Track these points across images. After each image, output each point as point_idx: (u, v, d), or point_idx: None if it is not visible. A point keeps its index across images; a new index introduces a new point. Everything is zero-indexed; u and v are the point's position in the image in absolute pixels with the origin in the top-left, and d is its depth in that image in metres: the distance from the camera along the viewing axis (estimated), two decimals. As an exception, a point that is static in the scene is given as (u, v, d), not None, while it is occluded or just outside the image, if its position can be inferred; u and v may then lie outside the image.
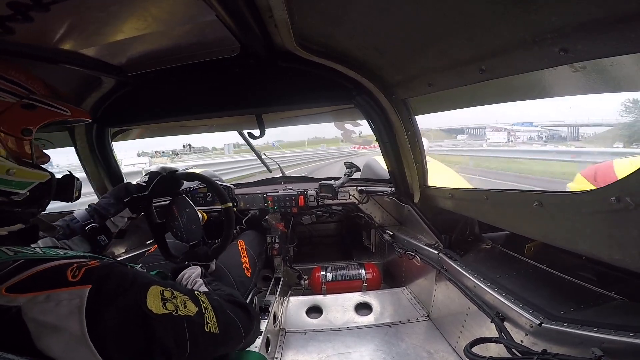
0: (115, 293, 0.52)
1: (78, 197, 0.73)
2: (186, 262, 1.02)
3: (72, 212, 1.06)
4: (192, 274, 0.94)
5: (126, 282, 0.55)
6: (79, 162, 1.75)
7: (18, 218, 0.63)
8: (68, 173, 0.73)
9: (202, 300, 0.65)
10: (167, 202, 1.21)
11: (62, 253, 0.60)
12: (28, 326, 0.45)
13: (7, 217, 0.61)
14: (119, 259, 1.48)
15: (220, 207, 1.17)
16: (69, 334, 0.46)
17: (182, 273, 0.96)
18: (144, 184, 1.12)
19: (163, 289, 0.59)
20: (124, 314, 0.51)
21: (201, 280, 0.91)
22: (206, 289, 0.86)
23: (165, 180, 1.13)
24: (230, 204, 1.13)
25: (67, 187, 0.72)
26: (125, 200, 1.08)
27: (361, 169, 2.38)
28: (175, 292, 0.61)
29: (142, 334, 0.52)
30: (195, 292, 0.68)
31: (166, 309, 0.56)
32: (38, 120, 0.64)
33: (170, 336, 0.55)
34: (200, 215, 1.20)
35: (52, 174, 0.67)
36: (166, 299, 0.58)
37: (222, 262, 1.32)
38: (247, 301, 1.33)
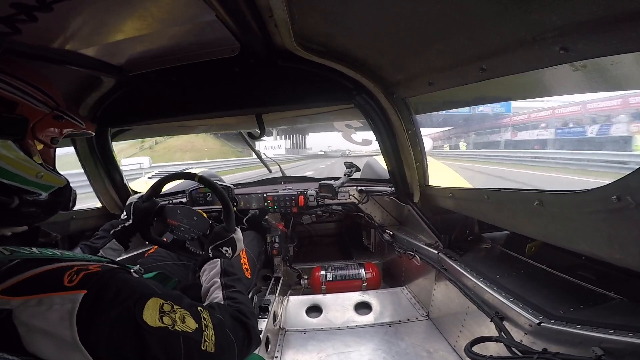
0: (112, 301, 0.51)
1: (73, 206, 0.75)
2: (210, 254, 1.00)
3: None
4: (211, 271, 0.93)
5: (125, 292, 0.54)
6: (79, 161, 1.75)
7: (32, 216, 0.64)
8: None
9: (203, 317, 0.64)
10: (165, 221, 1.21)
11: (58, 253, 0.59)
12: (18, 330, 0.45)
13: (24, 214, 0.62)
14: (117, 260, 1.48)
15: (218, 206, 1.18)
16: (60, 339, 0.46)
17: (202, 269, 0.95)
18: (125, 217, 1.15)
19: (163, 302, 0.58)
20: (118, 323, 0.50)
21: (219, 282, 0.89)
22: (221, 297, 0.84)
23: (139, 206, 1.14)
24: (197, 174, 1.16)
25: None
26: (111, 232, 1.11)
27: (361, 168, 2.38)
28: (175, 307, 0.60)
29: (135, 345, 0.51)
30: (199, 307, 0.66)
31: (163, 322, 0.55)
32: (63, 131, 0.70)
33: (163, 350, 0.54)
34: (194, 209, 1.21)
35: (67, 181, 0.70)
36: (164, 312, 0.57)
37: None
38: None
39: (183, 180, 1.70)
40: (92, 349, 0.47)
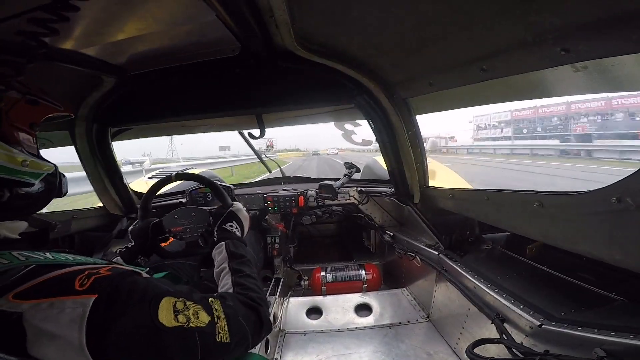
0: (125, 305, 0.51)
1: (66, 192, 0.74)
2: (215, 237, 1.00)
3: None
4: (219, 256, 0.92)
5: (137, 294, 0.54)
6: (80, 161, 1.75)
7: (26, 208, 0.64)
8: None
9: (215, 309, 0.64)
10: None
11: (71, 258, 0.59)
12: (27, 332, 0.45)
13: (16, 207, 0.61)
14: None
15: (218, 206, 1.17)
16: (66, 342, 0.46)
17: (212, 255, 0.95)
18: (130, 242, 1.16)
19: (175, 300, 0.58)
20: (134, 326, 0.50)
21: (227, 267, 0.88)
22: (230, 284, 0.83)
23: (135, 228, 1.14)
24: (173, 174, 1.25)
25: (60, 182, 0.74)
26: (116, 251, 1.12)
27: (361, 169, 2.38)
28: (187, 303, 0.60)
29: (151, 347, 0.51)
30: (210, 299, 0.66)
31: (178, 321, 0.55)
32: (41, 115, 0.67)
33: (181, 349, 0.54)
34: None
35: (55, 166, 0.69)
36: (178, 310, 0.57)
37: None
38: None
39: (183, 181, 1.70)
40: (98, 354, 0.46)
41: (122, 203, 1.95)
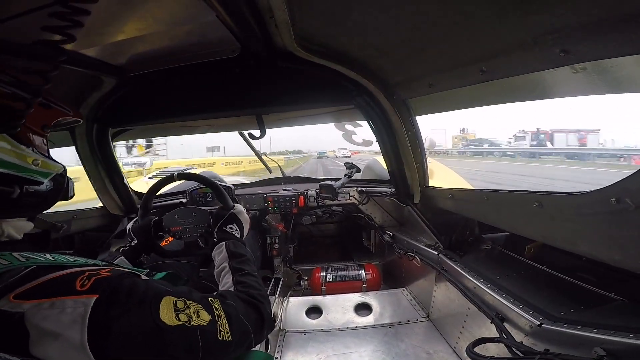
0: (125, 306, 0.52)
1: (72, 195, 0.75)
2: (215, 238, 1.00)
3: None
4: (219, 256, 0.93)
5: (136, 295, 0.54)
6: (80, 161, 1.76)
7: (33, 206, 0.65)
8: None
9: (215, 307, 0.65)
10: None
11: (71, 260, 0.60)
12: (29, 332, 0.45)
13: (25, 204, 0.62)
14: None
15: (217, 207, 1.18)
16: (68, 341, 0.46)
17: (212, 255, 0.96)
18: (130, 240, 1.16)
19: (176, 299, 0.59)
20: (135, 327, 0.51)
21: (228, 267, 0.89)
22: (230, 282, 0.84)
23: (136, 227, 1.15)
24: (174, 173, 1.26)
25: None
26: (120, 250, 1.11)
27: (361, 169, 2.38)
28: (188, 302, 0.60)
29: (153, 346, 0.52)
30: (209, 298, 0.67)
31: (179, 320, 0.56)
32: (53, 118, 0.70)
33: (183, 348, 0.55)
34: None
35: (64, 167, 0.70)
36: (179, 309, 0.57)
37: None
38: None
39: (183, 181, 1.70)
40: (99, 354, 0.47)
41: (123, 203, 1.95)
